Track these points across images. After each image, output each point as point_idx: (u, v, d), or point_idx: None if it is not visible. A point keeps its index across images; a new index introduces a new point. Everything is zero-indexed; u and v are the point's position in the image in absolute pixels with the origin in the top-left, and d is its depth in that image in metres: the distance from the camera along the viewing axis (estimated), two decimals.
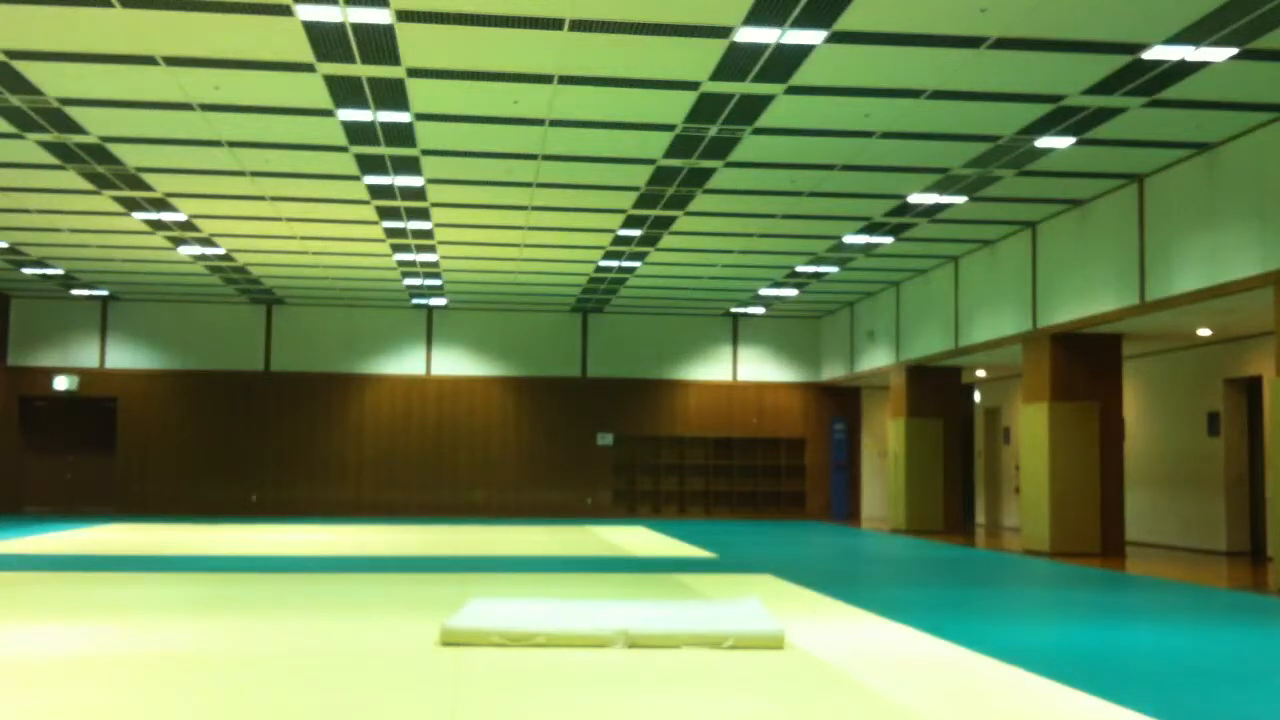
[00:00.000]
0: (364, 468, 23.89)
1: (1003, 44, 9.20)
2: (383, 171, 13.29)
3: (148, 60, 9.78)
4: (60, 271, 20.30)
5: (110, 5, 8.59)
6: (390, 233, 16.63)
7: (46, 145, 12.39)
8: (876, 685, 5.82)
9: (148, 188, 14.22)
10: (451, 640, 6.91)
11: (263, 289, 21.96)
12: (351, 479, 23.84)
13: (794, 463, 24.98)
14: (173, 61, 9.82)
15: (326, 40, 9.25)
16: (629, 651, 6.71)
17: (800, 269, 19.23)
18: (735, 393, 24.91)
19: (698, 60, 9.64)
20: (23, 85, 10.45)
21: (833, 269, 19.21)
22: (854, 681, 5.94)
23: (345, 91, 10.52)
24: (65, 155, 12.77)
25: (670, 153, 12.43)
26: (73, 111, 11.25)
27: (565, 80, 10.20)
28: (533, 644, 6.80)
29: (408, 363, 24.22)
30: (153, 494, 23.26)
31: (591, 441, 24.41)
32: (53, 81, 10.38)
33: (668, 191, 14.10)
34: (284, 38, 9.21)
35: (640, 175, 13.38)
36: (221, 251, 18.22)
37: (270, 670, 6.20)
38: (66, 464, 23.66)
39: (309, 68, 9.90)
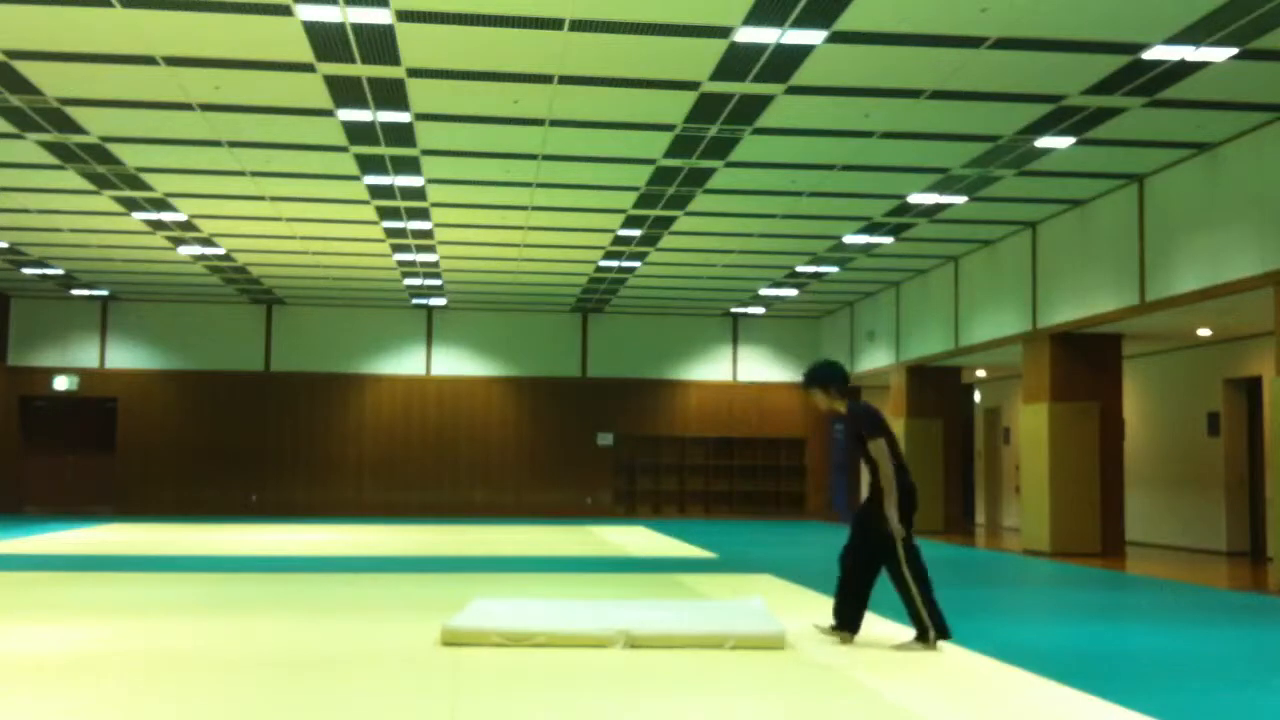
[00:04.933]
0: (364, 468, 23.89)
1: (1003, 44, 9.20)
2: (383, 171, 13.29)
3: (148, 60, 9.78)
4: (60, 271, 20.30)
5: (110, 5, 8.59)
6: (390, 233, 16.63)
7: (46, 145, 12.39)
8: (876, 685, 5.82)
9: (148, 188, 14.22)
10: (452, 640, 6.91)
11: (263, 289, 21.96)
12: (352, 479, 23.84)
13: (794, 463, 24.98)
14: (173, 61, 9.82)
15: (326, 40, 9.25)
16: (629, 651, 6.71)
17: (800, 269, 19.23)
18: (735, 393, 24.90)
19: (698, 60, 9.64)
20: (23, 85, 10.45)
21: (833, 269, 19.21)
22: (854, 681, 5.94)
23: (345, 91, 10.52)
24: (65, 155, 12.77)
25: (670, 153, 12.43)
26: (73, 111, 11.25)
27: (565, 80, 10.20)
28: (533, 644, 6.80)
29: (408, 363, 24.22)
30: (153, 494, 23.25)
31: (591, 441, 24.40)
32: (53, 81, 10.38)
33: (668, 191, 14.10)
34: (284, 38, 9.21)
35: (640, 175, 13.38)
36: (221, 251, 18.22)
37: (270, 670, 6.20)
38: (66, 464, 23.65)
39: (309, 68, 9.90)
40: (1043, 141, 11.83)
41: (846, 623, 7.19)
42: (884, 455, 7.01)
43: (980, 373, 22.13)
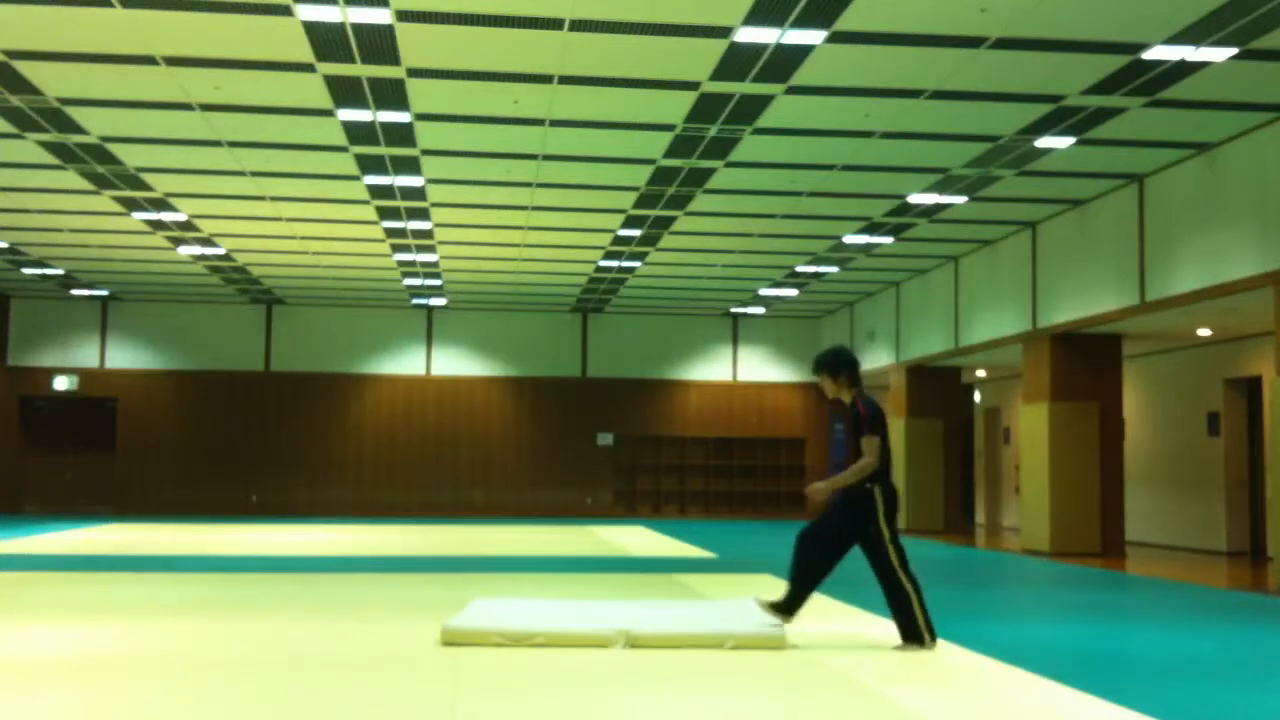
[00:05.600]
0: (364, 468, 23.89)
1: (1003, 44, 9.20)
2: (383, 171, 13.29)
3: (148, 60, 9.78)
4: (60, 271, 20.30)
5: (110, 5, 8.59)
6: (390, 233, 16.63)
7: (46, 145, 12.39)
8: (877, 685, 5.82)
9: (148, 188, 14.22)
10: (452, 640, 6.91)
11: (263, 289, 21.96)
12: (351, 479, 23.84)
13: (794, 463, 24.98)
14: (173, 61, 9.82)
15: (326, 40, 9.25)
16: (629, 651, 6.71)
17: (800, 269, 19.23)
18: (735, 393, 24.90)
19: (698, 60, 9.64)
20: (23, 85, 10.45)
21: (833, 269, 19.21)
22: (854, 681, 5.94)
23: (345, 91, 10.52)
24: (65, 155, 12.77)
25: (670, 153, 12.43)
26: (73, 111, 11.25)
27: (565, 80, 10.20)
28: (533, 644, 6.79)
29: (408, 363, 24.22)
30: (153, 494, 23.25)
31: (591, 441, 24.40)
32: (53, 81, 10.38)
33: (668, 191, 14.10)
34: (284, 38, 9.21)
35: (640, 175, 13.38)
36: (221, 251, 18.22)
37: (270, 670, 6.20)
38: (66, 464, 23.65)
39: (309, 68, 9.90)
40: (1043, 141, 11.83)
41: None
42: (875, 454, 7.00)
43: (980, 373, 22.13)
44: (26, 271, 20.34)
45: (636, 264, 18.93)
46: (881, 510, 7.06)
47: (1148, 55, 9.36)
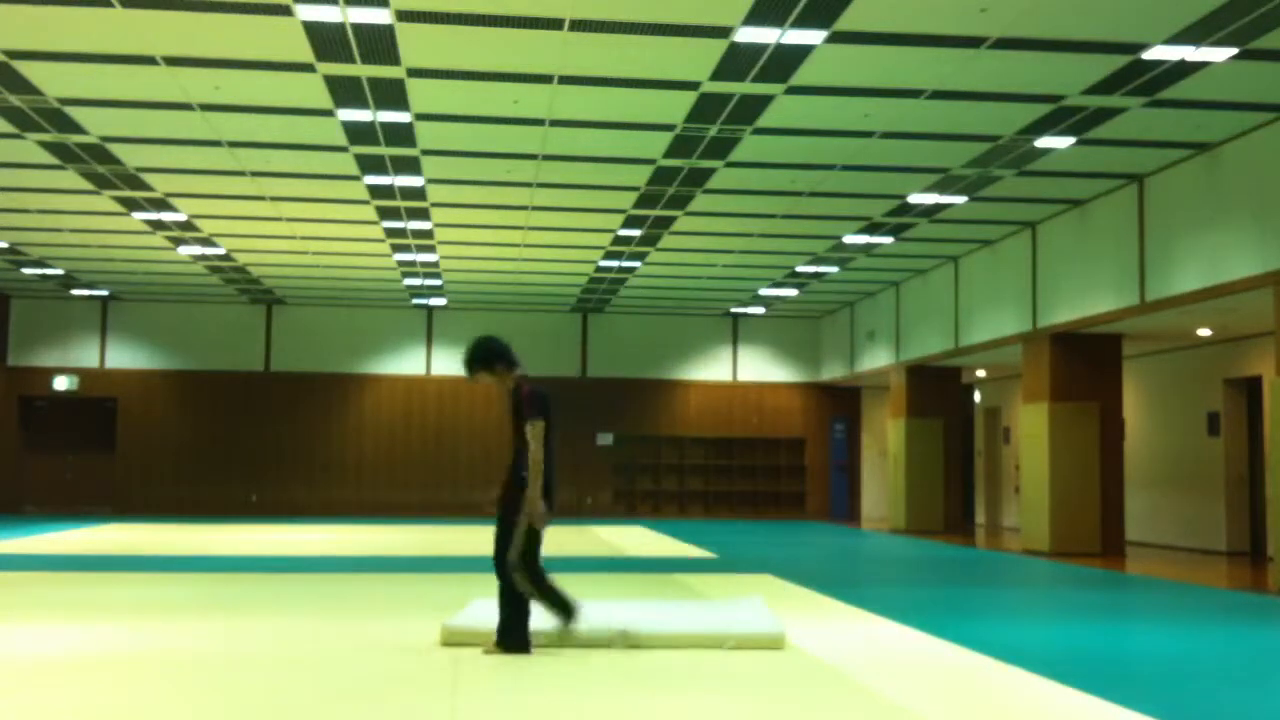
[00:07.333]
0: (364, 468, 23.89)
1: (1003, 44, 9.20)
2: (383, 171, 13.29)
3: (148, 60, 9.78)
4: (60, 271, 20.30)
5: (110, 5, 8.59)
6: (390, 233, 16.63)
7: (46, 145, 12.39)
8: (876, 685, 5.82)
9: (148, 188, 14.22)
10: (452, 640, 6.91)
11: (263, 289, 21.96)
12: (352, 479, 23.83)
13: (794, 463, 24.97)
14: (173, 61, 9.82)
15: (326, 40, 9.25)
16: (629, 651, 6.71)
17: (800, 269, 19.23)
18: (735, 393, 24.90)
19: (698, 60, 9.64)
20: (23, 85, 10.45)
21: (833, 269, 19.20)
22: (854, 681, 5.94)
23: (345, 91, 10.52)
24: (65, 155, 12.77)
25: (670, 153, 12.43)
26: (73, 111, 11.25)
27: (565, 80, 10.20)
28: (533, 644, 6.79)
29: (408, 363, 24.22)
30: (153, 494, 23.24)
31: (591, 441, 24.40)
32: (53, 81, 10.38)
33: (668, 191, 14.10)
34: (284, 38, 9.21)
35: (640, 175, 13.38)
36: (221, 251, 18.22)
37: (270, 670, 6.20)
38: (66, 464, 23.64)
39: (309, 68, 9.90)
40: (1043, 141, 11.83)
41: (570, 608, 6.77)
42: (539, 440, 6.57)
43: (980, 373, 22.13)
44: (26, 271, 20.33)
45: (636, 264, 18.93)
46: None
47: (1148, 55, 9.36)
